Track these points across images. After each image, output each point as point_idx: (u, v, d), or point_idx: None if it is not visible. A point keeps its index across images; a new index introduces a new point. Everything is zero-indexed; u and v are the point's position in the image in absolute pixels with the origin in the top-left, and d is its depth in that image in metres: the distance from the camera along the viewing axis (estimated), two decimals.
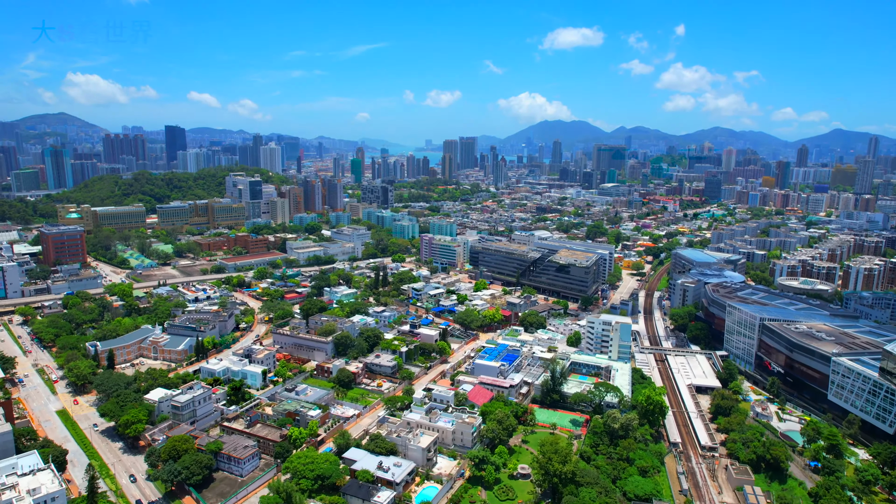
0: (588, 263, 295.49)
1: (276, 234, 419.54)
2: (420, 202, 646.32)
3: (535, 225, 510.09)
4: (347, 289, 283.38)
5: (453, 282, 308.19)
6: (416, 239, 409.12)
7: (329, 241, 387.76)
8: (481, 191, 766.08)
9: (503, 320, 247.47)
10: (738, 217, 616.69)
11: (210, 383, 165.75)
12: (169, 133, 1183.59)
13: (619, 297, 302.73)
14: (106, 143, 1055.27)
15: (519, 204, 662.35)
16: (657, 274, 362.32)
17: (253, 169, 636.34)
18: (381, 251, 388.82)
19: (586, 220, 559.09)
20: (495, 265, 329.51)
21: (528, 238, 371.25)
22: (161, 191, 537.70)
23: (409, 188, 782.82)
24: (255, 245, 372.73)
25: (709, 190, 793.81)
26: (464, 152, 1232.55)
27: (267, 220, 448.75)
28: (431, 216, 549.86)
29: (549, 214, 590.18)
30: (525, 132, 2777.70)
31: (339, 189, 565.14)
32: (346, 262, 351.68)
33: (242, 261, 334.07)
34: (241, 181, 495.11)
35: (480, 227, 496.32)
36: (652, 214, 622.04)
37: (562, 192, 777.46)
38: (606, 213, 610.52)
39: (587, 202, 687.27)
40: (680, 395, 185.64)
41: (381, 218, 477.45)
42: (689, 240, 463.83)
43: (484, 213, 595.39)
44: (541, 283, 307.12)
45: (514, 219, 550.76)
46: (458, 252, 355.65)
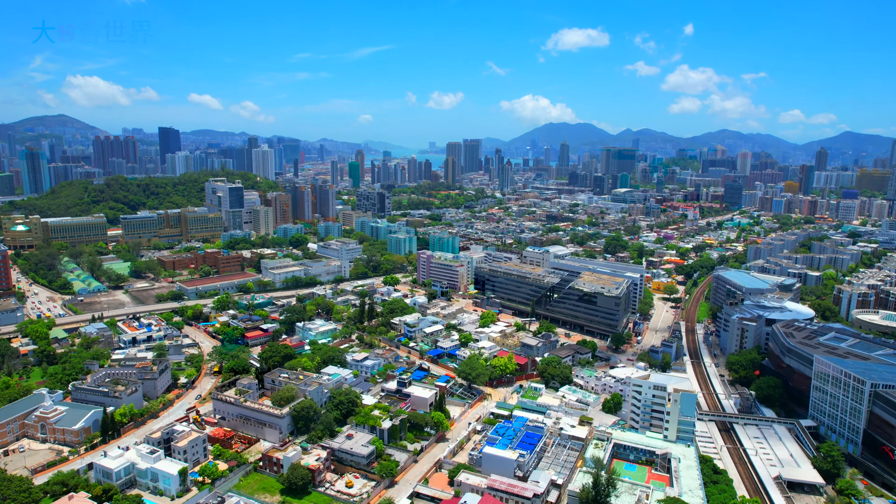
0: (618, 292, 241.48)
1: (255, 248, 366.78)
2: (420, 209, 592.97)
3: (547, 236, 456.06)
4: (326, 323, 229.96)
5: (455, 312, 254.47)
6: (412, 255, 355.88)
7: (313, 259, 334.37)
8: (486, 196, 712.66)
9: (518, 369, 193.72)
10: (765, 226, 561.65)
11: (99, 495, 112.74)
12: (163, 135, 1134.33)
13: (654, 332, 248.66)
14: (96, 146, 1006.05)
15: (527, 211, 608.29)
16: (693, 298, 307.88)
17: (238, 174, 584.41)
18: (372, 269, 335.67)
19: (602, 231, 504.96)
20: (505, 291, 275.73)
21: (541, 256, 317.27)
22: (136, 198, 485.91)
23: (410, 193, 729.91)
24: (226, 263, 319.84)
25: (729, 196, 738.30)
26: (468, 155, 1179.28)
27: (246, 233, 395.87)
28: (432, 226, 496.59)
29: (560, 224, 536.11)
30: (530, 134, 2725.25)
31: (331, 196, 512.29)
32: (329, 286, 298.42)
33: (207, 284, 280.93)
34: (220, 188, 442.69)
35: (486, 238, 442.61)
36: (672, 223, 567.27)
37: (572, 197, 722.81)
38: (623, 222, 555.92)
39: (601, 209, 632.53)
40: (768, 497, 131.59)
41: (376, 229, 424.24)
42: (721, 255, 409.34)
43: (490, 221, 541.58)
44: (560, 314, 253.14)
45: (522, 229, 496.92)
46: (461, 273, 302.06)
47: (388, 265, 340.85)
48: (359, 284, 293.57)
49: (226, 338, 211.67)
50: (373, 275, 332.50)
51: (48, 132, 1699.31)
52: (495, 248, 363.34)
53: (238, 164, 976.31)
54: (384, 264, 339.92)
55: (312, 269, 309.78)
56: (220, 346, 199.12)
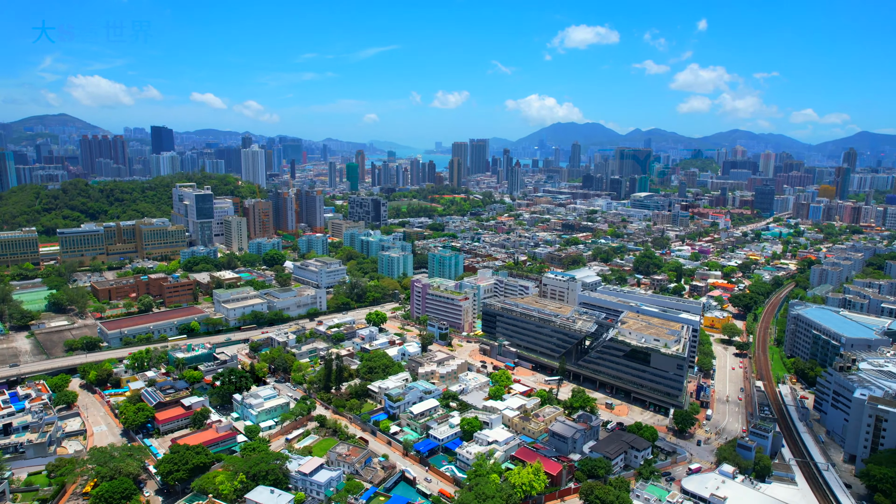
0: (678, 347, 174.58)
1: (218, 269, 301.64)
2: (421, 217, 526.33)
3: (566, 252, 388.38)
4: (274, 396, 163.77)
5: (455, 370, 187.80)
6: (407, 279, 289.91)
7: (282, 288, 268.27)
8: (495, 202, 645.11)
9: (549, 484, 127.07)
10: (809, 237, 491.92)
11: None
12: (155, 134, 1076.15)
13: (724, 401, 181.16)
14: (83, 146, 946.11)
15: (540, 219, 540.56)
16: (758, 340, 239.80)
17: (216, 177, 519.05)
18: (356, 298, 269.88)
19: (627, 243, 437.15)
20: (523, 336, 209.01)
21: (566, 286, 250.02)
22: (97, 205, 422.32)
23: (411, 198, 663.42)
24: (173, 292, 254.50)
25: (759, 201, 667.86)
26: (474, 156, 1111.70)
27: (210, 249, 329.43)
28: (434, 237, 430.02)
29: (578, 234, 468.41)
30: (537, 134, 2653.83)
31: (319, 203, 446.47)
32: (296, 325, 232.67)
33: (137, 325, 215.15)
34: (187, 194, 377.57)
35: (495, 254, 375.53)
36: (704, 234, 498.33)
37: (589, 203, 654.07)
38: (648, 232, 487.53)
39: (622, 217, 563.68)
40: None
41: (367, 244, 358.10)
42: (773, 276, 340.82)
43: (499, 232, 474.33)
44: (598, 372, 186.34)
45: (536, 241, 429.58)
46: (464, 309, 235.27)
47: (375, 293, 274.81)
48: (333, 325, 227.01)
49: (128, 421, 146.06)
50: (357, 305, 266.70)
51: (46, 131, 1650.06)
52: (507, 271, 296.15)
53: (232, 165, 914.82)
54: (371, 292, 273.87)
55: (279, 300, 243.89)
56: (107, 448, 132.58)
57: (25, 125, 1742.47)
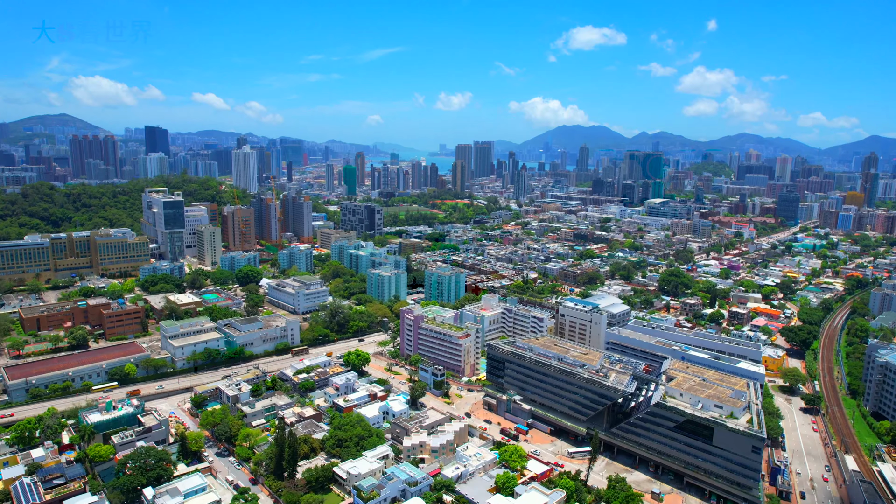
0: (748, 417, 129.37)
1: (182, 290, 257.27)
2: (421, 225, 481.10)
3: (581, 267, 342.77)
4: (205, 487, 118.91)
5: (452, 440, 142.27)
6: (399, 303, 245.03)
7: (246, 318, 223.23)
8: (500, 208, 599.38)
9: None
10: (844, 249, 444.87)
11: None
12: (149, 134, 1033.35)
13: (810, 484, 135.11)
14: (73, 146, 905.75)
15: (550, 228, 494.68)
16: (826, 388, 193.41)
17: (197, 181, 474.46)
18: (337, 328, 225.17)
19: (647, 256, 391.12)
20: (540, 391, 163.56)
21: (589, 319, 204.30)
22: (61, 211, 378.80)
23: (411, 203, 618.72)
24: (116, 322, 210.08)
25: (783, 209, 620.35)
26: (479, 158, 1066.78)
27: (174, 266, 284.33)
28: (433, 250, 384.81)
29: (593, 246, 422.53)
30: (542, 137, 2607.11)
31: (307, 210, 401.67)
32: (256, 371, 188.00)
33: (51, 371, 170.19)
34: (155, 201, 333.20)
35: (502, 270, 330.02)
36: (730, 246, 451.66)
37: (601, 210, 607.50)
38: (669, 244, 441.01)
39: (638, 226, 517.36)
40: None
41: (356, 259, 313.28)
42: (822, 299, 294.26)
43: (505, 243, 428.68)
44: (641, 445, 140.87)
45: (547, 254, 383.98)
46: (464, 348, 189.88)
47: (360, 321, 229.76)
48: (302, 370, 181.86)
49: None
50: (338, 337, 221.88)
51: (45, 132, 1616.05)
52: (516, 297, 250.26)
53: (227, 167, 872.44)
54: (355, 320, 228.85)
55: (240, 334, 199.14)
56: None
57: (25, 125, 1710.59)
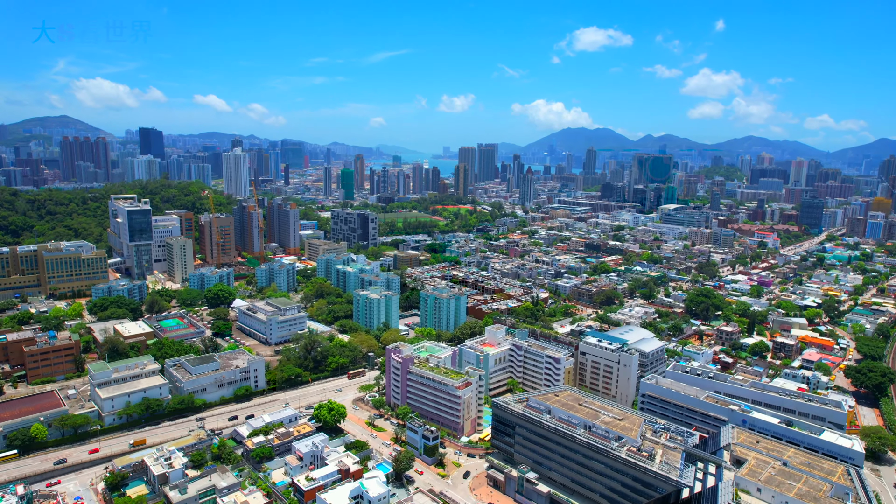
0: None
1: (131, 318, 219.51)
2: (420, 234, 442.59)
3: (597, 285, 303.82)
4: None
5: None
6: (390, 333, 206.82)
7: (199, 358, 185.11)
8: (505, 214, 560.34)
9: None
10: (881, 261, 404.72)
11: None
12: (143, 136, 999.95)
13: None
14: (63, 148, 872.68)
15: (559, 237, 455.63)
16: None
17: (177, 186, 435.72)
18: (313, 366, 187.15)
19: (668, 270, 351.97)
20: (560, 467, 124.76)
21: (616, 359, 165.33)
22: (22, 219, 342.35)
23: (410, 209, 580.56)
24: (39, 361, 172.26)
25: (806, 216, 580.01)
26: (482, 161, 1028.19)
27: (132, 285, 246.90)
28: (431, 264, 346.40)
29: (606, 257, 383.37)
30: (547, 140, 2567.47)
31: (293, 218, 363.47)
32: (200, 434, 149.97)
33: None
34: (120, 209, 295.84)
35: (508, 288, 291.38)
36: (756, 258, 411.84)
37: (612, 217, 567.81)
38: (690, 256, 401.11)
39: (653, 235, 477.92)
40: None
41: (343, 275, 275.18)
42: (876, 325, 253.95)
43: (511, 254, 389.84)
44: None
45: (558, 269, 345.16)
46: (464, 401, 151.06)
47: (341, 356, 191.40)
48: (259, 430, 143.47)
49: None
50: (312, 377, 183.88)
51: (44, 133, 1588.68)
52: (526, 326, 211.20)
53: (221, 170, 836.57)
54: (335, 356, 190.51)
55: (190, 379, 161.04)
56: None
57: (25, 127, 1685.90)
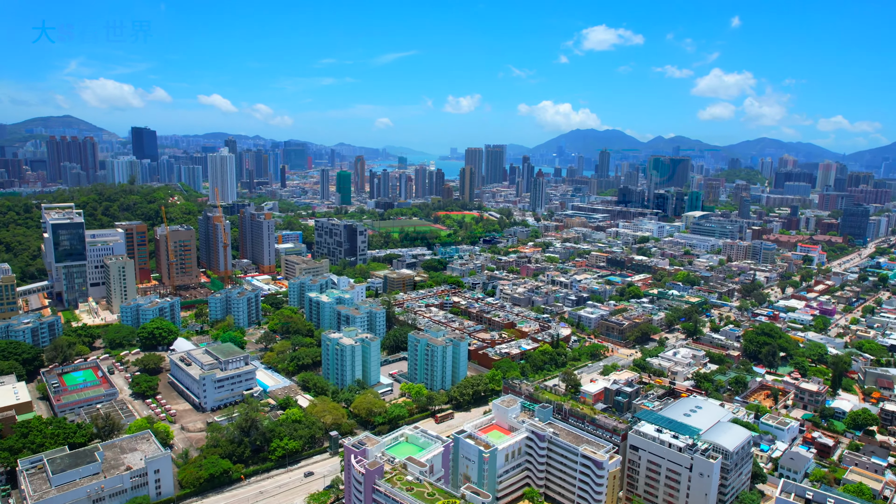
0: None
1: (25, 370, 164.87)
2: (418, 247, 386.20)
3: (629, 315, 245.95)
4: None
5: None
6: (363, 398, 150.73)
7: (71, 453, 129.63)
8: (515, 223, 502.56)
9: None
10: None
11: None
12: (135, 136, 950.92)
13: None
14: (50, 148, 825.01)
15: (576, 250, 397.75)
16: None
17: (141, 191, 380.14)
18: (249, 454, 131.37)
19: (708, 295, 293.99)
20: None
21: (686, 461, 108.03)
22: None
23: (411, 215, 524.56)
24: None
25: (848, 224, 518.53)
26: (490, 163, 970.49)
27: (37, 325, 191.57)
28: (428, 287, 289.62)
29: (633, 277, 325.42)
30: (556, 141, 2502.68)
31: (267, 231, 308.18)
32: None
33: None
34: (49, 221, 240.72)
35: (520, 322, 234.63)
36: (807, 277, 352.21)
37: (633, 225, 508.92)
38: (729, 274, 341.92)
39: (683, 247, 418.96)
40: None
41: (318, 306, 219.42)
42: None
43: (523, 273, 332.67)
44: None
45: (578, 292, 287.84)
46: None
47: (291, 439, 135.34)
48: None
49: None
50: (247, 472, 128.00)
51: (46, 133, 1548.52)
52: (550, 396, 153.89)
53: None
54: (282, 436, 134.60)
55: (42, 499, 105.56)
56: None
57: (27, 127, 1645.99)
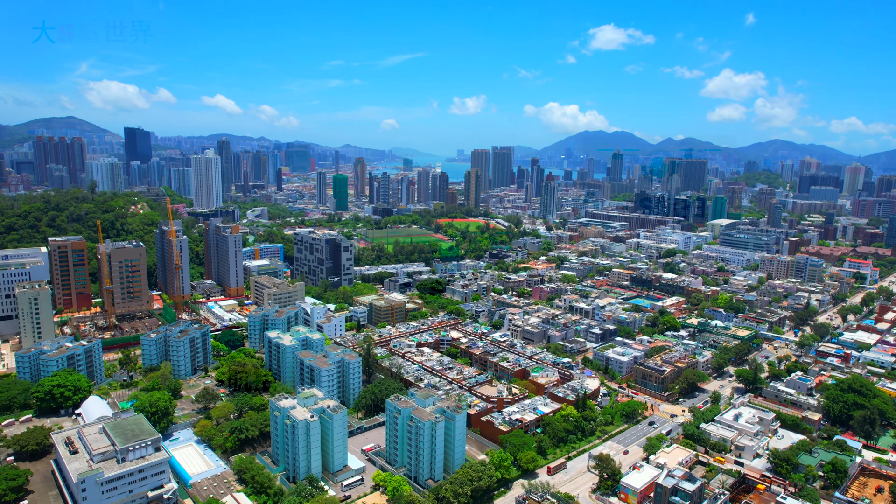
0: None
1: None
2: (415, 263, 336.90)
3: (670, 360, 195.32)
4: None
5: None
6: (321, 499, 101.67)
7: None
8: (525, 233, 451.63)
9: None
10: None
11: None
12: (129, 137, 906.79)
13: None
14: (37, 149, 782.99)
15: (595, 266, 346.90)
16: None
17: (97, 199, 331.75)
18: None
19: (756, 325, 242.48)
20: None
21: None
22: None
23: (410, 224, 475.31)
24: None
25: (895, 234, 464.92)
26: (497, 166, 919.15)
27: None
28: (420, 319, 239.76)
29: (665, 301, 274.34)
30: (564, 143, 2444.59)
31: (234, 247, 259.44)
32: None
33: None
34: None
35: (537, 369, 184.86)
36: (868, 300, 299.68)
37: (656, 236, 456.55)
38: (773, 295, 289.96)
39: (716, 262, 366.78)
40: None
41: (278, 350, 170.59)
42: None
43: (536, 296, 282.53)
44: None
45: (602, 322, 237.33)
46: None
47: None
48: None
49: None
50: None
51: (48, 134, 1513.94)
52: None
53: None
54: None
55: None
56: None
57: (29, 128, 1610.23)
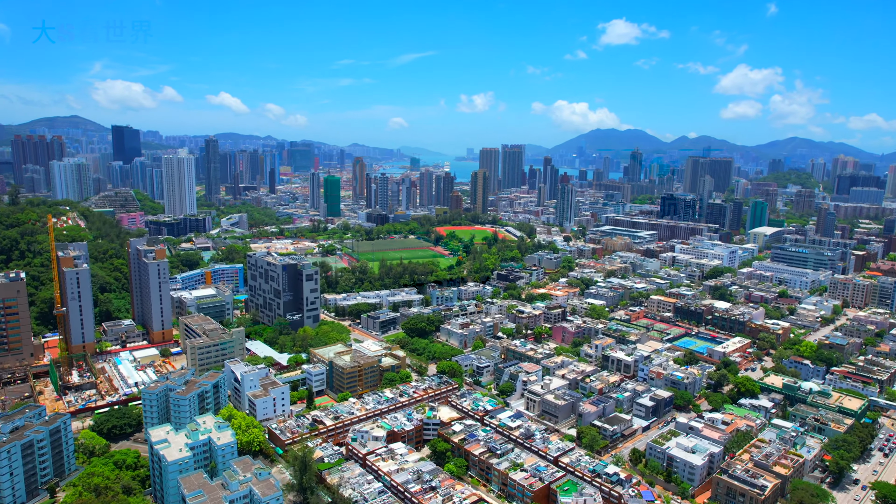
0: None
1: None
2: (405, 289, 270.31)
3: (766, 466, 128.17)
4: None
5: None
6: None
7: None
8: (540, 246, 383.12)
9: None
10: None
11: None
12: (116, 135, 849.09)
13: None
14: (15, 147, 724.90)
15: (626, 290, 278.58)
16: None
17: (35, 206, 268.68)
18: None
19: (866, 389, 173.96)
20: None
21: None
22: None
23: (407, 233, 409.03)
24: None
25: None
26: (508, 165, 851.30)
27: None
28: (397, 386, 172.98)
29: (727, 346, 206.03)
30: (575, 141, 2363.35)
31: (157, 275, 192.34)
32: None
33: None
34: None
35: (567, 490, 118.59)
36: None
37: (695, 249, 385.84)
38: (865, 335, 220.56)
39: (775, 286, 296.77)
40: None
41: (160, 464, 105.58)
42: None
43: (556, 337, 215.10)
44: None
45: (651, 384, 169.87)
46: None
47: None
48: None
49: None
50: None
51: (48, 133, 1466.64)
52: None
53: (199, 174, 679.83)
54: None
55: None
56: None
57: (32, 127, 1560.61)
